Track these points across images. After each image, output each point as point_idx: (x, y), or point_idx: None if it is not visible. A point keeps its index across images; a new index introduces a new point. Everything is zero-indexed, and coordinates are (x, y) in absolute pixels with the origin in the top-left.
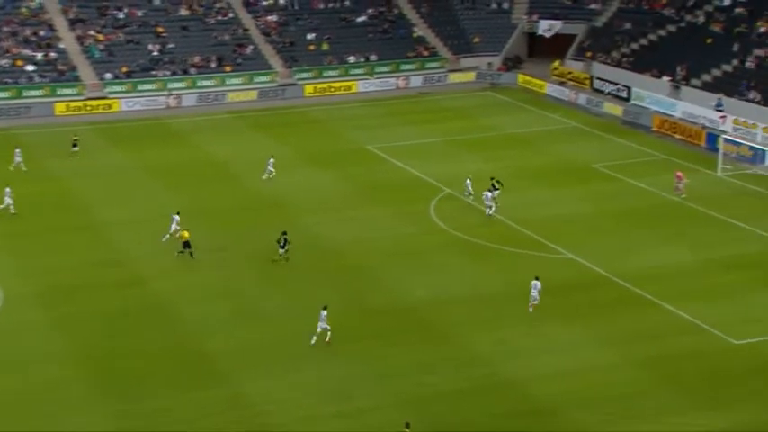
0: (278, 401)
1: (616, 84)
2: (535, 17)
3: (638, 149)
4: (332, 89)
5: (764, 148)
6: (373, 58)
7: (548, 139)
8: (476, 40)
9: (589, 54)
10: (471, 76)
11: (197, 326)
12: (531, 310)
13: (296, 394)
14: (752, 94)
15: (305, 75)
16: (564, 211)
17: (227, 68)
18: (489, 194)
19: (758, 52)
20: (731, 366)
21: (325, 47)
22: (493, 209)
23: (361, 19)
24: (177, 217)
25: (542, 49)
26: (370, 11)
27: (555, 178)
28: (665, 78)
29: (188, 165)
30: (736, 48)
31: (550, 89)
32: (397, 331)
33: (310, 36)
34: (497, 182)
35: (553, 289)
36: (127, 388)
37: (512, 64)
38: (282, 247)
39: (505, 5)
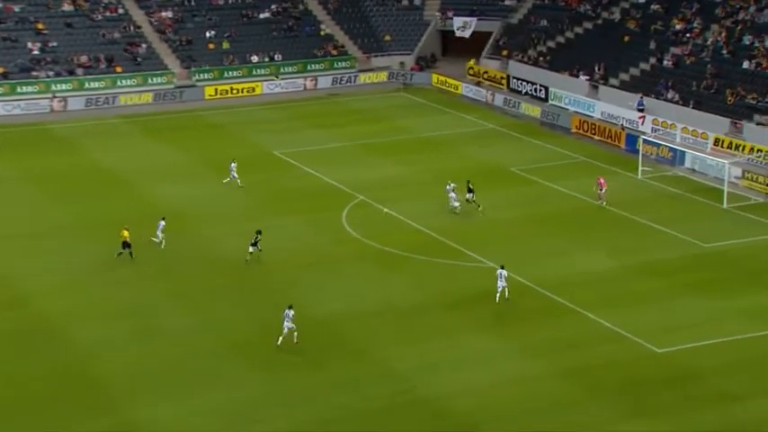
0: (177, 429)
1: (533, 83)
2: (449, 14)
3: (557, 151)
4: (234, 91)
5: (684, 150)
6: (278, 57)
7: (464, 141)
8: (387, 38)
9: (505, 52)
10: (383, 76)
11: (89, 348)
12: (498, 299)
13: (198, 420)
14: (670, 94)
15: (204, 76)
16: (481, 217)
17: (118, 69)
18: (454, 195)
19: (675, 50)
20: (654, 375)
21: (225, 45)
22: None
23: (264, 15)
24: (163, 222)
25: (457, 48)
26: (273, 7)
27: (472, 182)
28: (583, 77)
29: (76, 174)
30: (653, 46)
31: (466, 89)
32: (308, 347)
33: (209, 34)
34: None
35: (472, 299)
36: (7, 418)
37: (425, 63)
38: (254, 245)
39: (417, 2)
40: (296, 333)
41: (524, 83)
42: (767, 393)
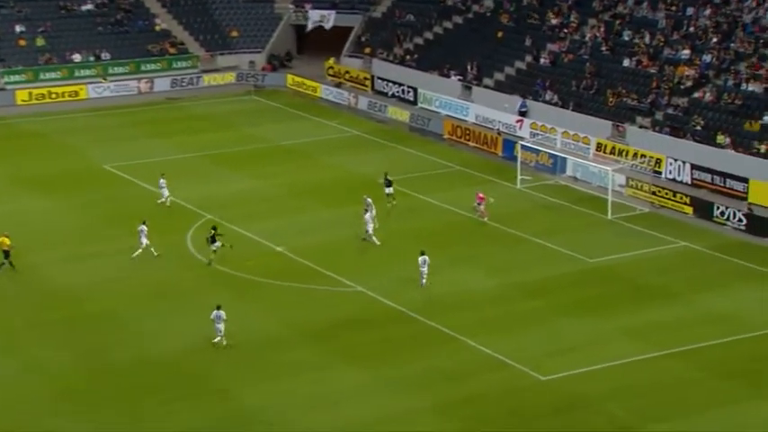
0: None
1: (400, 84)
2: (305, 7)
3: (429, 160)
4: (53, 95)
5: (565, 156)
6: (105, 56)
7: (325, 150)
8: (233, 34)
9: (368, 50)
10: (230, 77)
11: None
12: (423, 283)
13: None
14: (548, 95)
15: (15, 78)
16: (347, 236)
17: None
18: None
19: (552, 47)
20: (538, 405)
21: (40, 42)
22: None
23: (86, 8)
24: (145, 228)
25: (314, 45)
26: None
27: (334, 196)
28: (455, 78)
29: None
30: (528, 42)
31: (326, 91)
32: (149, 390)
33: (20, 28)
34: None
35: (338, 328)
36: None
37: (279, 62)
38: (213, 242)
39: None
40: (223, 339)
41: (390, 84)
42: (658, 420)
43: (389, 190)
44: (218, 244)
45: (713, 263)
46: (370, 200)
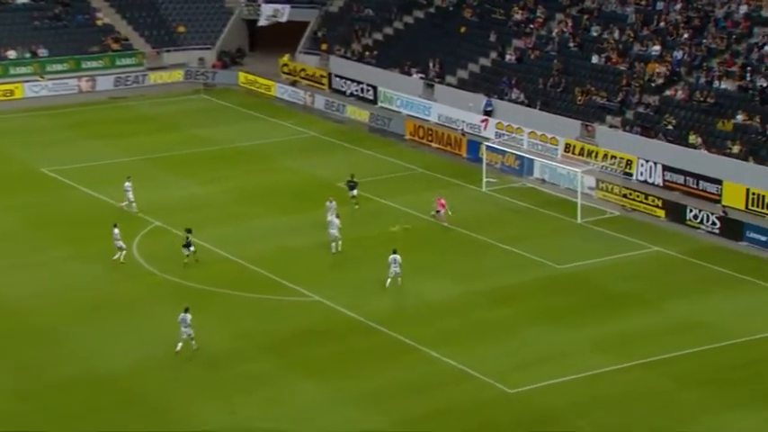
0: None
1: (359, 83)
2: (258, 0)
3: (389, 162)
4: None
5: (532, 157)
6: (43, 52)
7: (280, 152)
8: (181, 29)
9: (325, 46)
10: (178, 75)
11: None
12: (393, 282)
13: None
14: (515, 93)
15: None
16: (303, 243)
17: None
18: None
19: (518, 43)
20: (505, 419)
21: None
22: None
23: (22, 0)
24: (117, 231)
25: (268, 41)
26: None
27: (290, 202)
28: (417, 75)
29: None
30: (493, 38)
31: (280, 90)
32: (93, 409)
33: None
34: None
35: (295, 340)
36: None
37: (230, 59)
38: (187, 246)
39: None
40: (194, 341)
41: (349, 82)
42: None
43: (353, 192)
44: (189, 250)
45: (686, 269)
46: (334, 203)
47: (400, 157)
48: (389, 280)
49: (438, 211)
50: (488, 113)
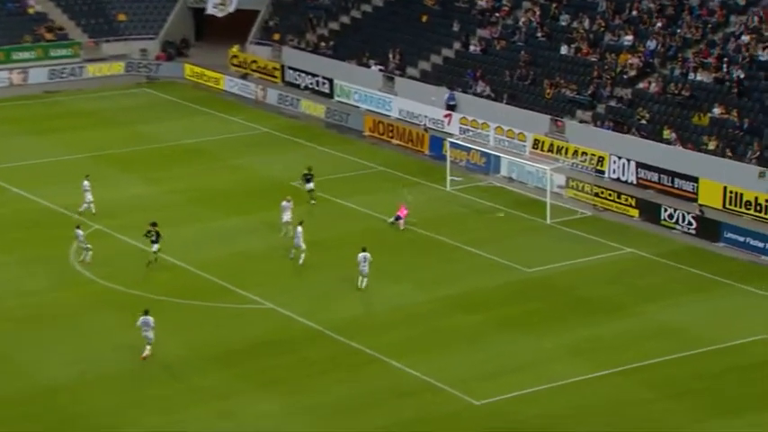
0: None
1: (315, 75)
2: None
3: (347, 160)
4: None
5: (498, 154)
6: None
7: (230, 150)
8: (121, 17)
9: (277, 36)
10: (119, 67)
11: None
12: (363, 285)
13: None
14: (480, 86)
15: None
16: (256, 247)
17: None
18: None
19: (483, 33)
20: None
21: None
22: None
23: None
24: (80, 232)
25: (215, 31)
26: None
27: (242, 202)
28: (376, 67)
29: None
30: (456, 27)
31: (229, 83)
32: (34, 429)
33: None
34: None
35: (247, 351)
36: None
37: (175, 50)
38: (155, 242)
39: None
40: (149, 346)
41: (303, 75)
42: None
43: (310, 186)
44: (157, 246)
45: (661, 271)
46: (291, 203)
47: (359, 155)
48: (360, 279)
49: (398, 218)
50: (451, 108)
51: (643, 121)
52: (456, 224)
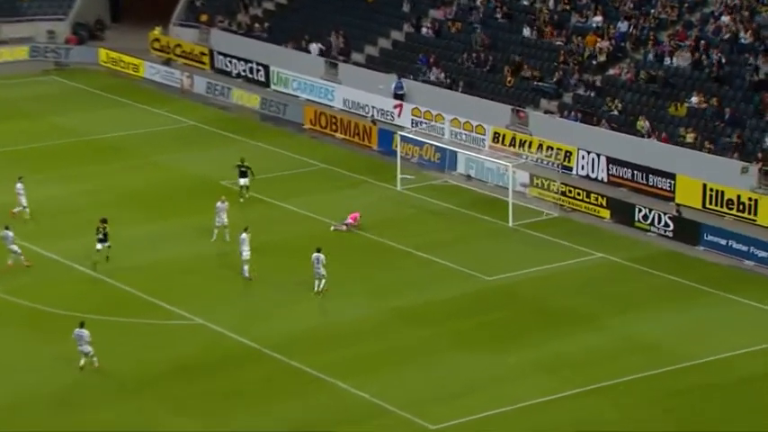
0: None
1: (248, 61)
2: None
3: (285, 156)
4: None
5: (454, 149)
6: None
7: (152, 145)
8: None
9: (205, 17)
10: (22, 52)
11: None
12: (319, 288)
13: None
14: (433, 73)
15: None
16: (181, 254)
17: None
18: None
19: (436, 14)
20: None
21: None
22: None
23: None
24: (10, 233)
25: (134, 11)
26: None
27: (165, 205)
28: (316, 52)
29: None
30: (406, 8)
31: (151, 70)
32: None
33: None
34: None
35: (174, 371)
36: None
37: (87, 33)
38: (103, 241)
39: None
40: (95, 358)
41: (235, 61)
42: None
43: (244, 181)
44: (107, 244)
45: (635, 278)
46: (226, 204)
47: (298, 151)
48: (317, 282)
49: (346, 225)
50: (399, 97)
51: (614, 112)
52: (408, 227)
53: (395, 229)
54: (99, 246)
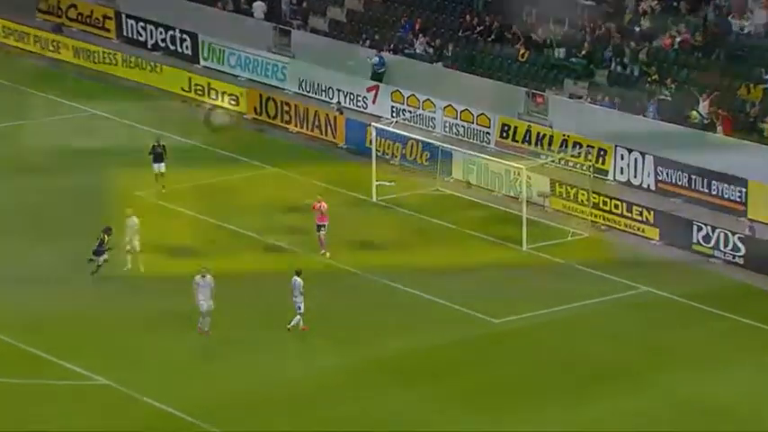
0: None
1: (169, 28)
2: None
3: (220, 156)
4: None
5: (449, 147)
6: None
7: (41, 140)
8: None
9: None
10: None
11: None
12: (298, 324)
13: None
14: (419, 43)
15: None
16: (79, 291)
17: None
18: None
19: None
20: None
21: None
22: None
23: None
24: None
25: None
26: None
27: (55, 221)
28: (260, 16)
29: None
30: None
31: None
32: None
33: None
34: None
35: None
36: None
37: None
38: (101, 252)
39: None
40: None
41: (151, 27)
42: None
43: (160, 166)
44: (105, 256)
45: (693, 320)
46: (135, 219)
47: (236, 149)
48: (296, 318)
49: (319, 227)
50: (379, 78)
51: (664, 96)
52: (387, 253)
53: (369, 256)
54: (100, 259)
